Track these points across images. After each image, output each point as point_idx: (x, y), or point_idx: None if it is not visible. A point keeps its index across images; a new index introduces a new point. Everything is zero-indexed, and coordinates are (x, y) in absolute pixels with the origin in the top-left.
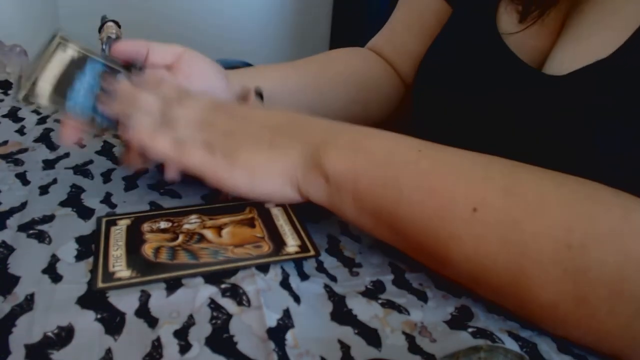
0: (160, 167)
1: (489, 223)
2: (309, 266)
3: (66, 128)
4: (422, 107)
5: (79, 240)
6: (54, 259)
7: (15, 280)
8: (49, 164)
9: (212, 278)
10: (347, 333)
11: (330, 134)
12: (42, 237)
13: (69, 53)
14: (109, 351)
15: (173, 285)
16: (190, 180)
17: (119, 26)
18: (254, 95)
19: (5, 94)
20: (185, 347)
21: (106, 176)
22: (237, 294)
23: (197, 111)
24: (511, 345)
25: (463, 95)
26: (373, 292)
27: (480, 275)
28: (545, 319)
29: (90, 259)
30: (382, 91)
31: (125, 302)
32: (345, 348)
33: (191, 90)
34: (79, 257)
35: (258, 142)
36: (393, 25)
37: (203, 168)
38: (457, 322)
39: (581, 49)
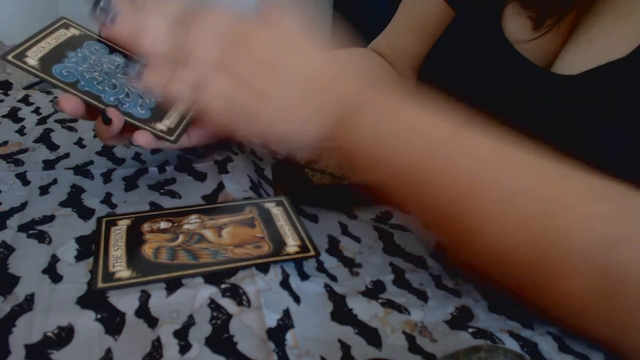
0: (161, 166)
1: (520, 213)
2: (309, 266)
3: (64, 96)
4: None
5: (79, 240)
6: (54, 259)
7: (15, 280)
8: (49, 164)
9: (212, 278)
10: (347, 333)
11: (365, 97)
12: (42, 237)
13: (71, 31)
14: (109, 351)
15: (173, 286)
16: (190, 180)
17: None
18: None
19: (6, 94)
20: (185, 347)
21: (106, 176)
22: (237, 294)
23: (225, 26)
24: (512, 345)
25: (469, 95)
26: (373, 291)
27: (504, 259)
28: (562, 308)
29: (91, 259)
30: None
31: (125, 302)
32: (345, 348)
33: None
34: (79, 257)
35: (291, 91)
36: (394, 26)
37: (227, 101)
38: (458, 322)
39: (593, 50)
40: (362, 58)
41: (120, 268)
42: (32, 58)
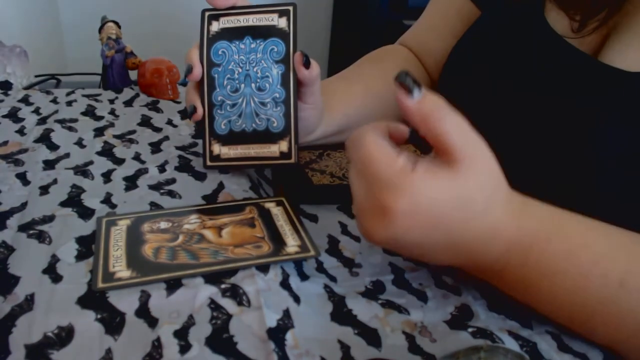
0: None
1: None
2: (309, 266)
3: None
4: (455, 98)
5: (79, 240)
6: (54, 259)
7: (15, 280)
8: (49, 164)
9: (212, 278)
10: (347, 333)
11: (511, 257)
12: (42, 237)
13: (280, 22)
14: (109, 351)
15: (173, 286)
16: (190, 180)
17: (119, 26)
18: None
19: (6, 94)
20: (185, 347)
21: (106, 176)
22: (237, 294)
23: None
24: (511, 344)
25: (505, 87)
26: (373, 292)
27: None
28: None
29: (91, 259)
30: None
31: (125, 302)
32: (345, 348)
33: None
34: (79, 257)
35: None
36: (420, 24)
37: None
38: (457, 321)
39: None
40: (402, 57)
41: (120, 268)
42: (218, 24)
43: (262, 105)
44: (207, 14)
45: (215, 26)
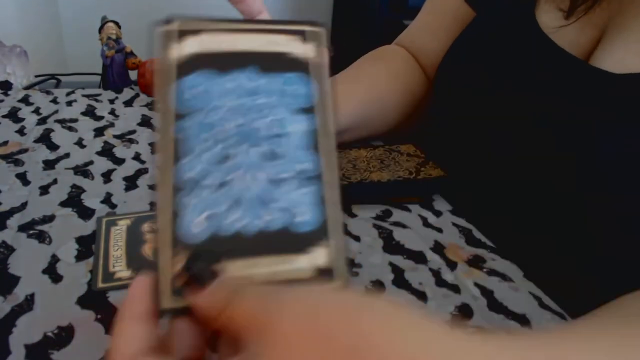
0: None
1: None
2: None
3: None
4: (451, 98)
5: (79, 240)
6: (54, 259)
7: (15, 280)
8: (49, 164)
9: None
10: None
11: None
12: (42, 237)
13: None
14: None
15: None
16: None
17: (119, 27)
18: None
19: (6, 94)
20: None
21: (106, 176)
22: None
23: None
24: None
25: (497, 86)
26: (373, 292)
27: None
28: None
29: (91, 259)
30: (419, 88)
31: None
32: None
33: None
34: (79, 257)
35: None
36: (416, 25)
37: None
38: (458, 322)
39: (634, 47)
40: (399, 58)
41: (120, 268)
42: (196, 44)
43: (276, 185)
44: (173, 29)
45: (188, 47)
